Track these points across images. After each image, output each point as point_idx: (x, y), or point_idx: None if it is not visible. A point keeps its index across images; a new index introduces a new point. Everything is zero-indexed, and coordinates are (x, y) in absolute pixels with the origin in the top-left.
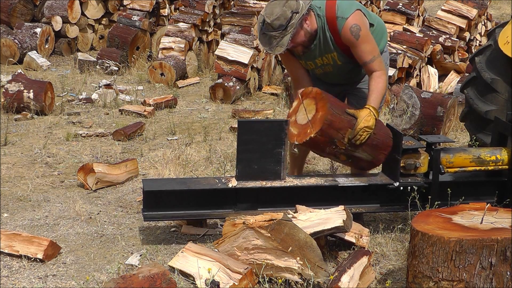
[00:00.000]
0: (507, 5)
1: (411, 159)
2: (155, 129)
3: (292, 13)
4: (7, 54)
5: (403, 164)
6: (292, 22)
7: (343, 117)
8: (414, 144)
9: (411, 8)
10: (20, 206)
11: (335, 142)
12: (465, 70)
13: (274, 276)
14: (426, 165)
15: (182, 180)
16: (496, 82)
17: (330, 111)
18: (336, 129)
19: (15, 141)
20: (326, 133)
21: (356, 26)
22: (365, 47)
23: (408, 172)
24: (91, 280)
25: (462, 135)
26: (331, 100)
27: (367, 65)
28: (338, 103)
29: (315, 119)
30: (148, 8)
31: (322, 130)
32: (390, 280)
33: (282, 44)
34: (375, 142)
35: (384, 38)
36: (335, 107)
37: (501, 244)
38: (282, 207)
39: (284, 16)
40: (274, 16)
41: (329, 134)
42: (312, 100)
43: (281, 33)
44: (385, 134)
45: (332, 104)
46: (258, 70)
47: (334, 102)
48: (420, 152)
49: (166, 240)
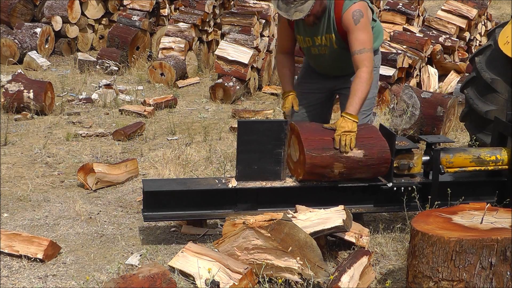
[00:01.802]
0: (507, 5)
1: (405, 159)
2: (155, 129)
3: None
4: (7, 54)
5: (396, 165)
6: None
7: (323, 155)
8: (408, 145)
9: (411, 8)
10: (20, 206)
11: (327, 176)
12: (465, 70)
13: (274, 276)
14: (419, 165)
15: (182, 180)
16: (496, 82)
17: (308, 155)
18: (321, 167)
19: (15, 141)
20: (313, 173)
21: (359, 12)
22: (360, 35)
23: (401, 173)
24: (91, 280)
25: (462, 135)
26: (309, 139)
27: (355, 55)
28: (315, 136)
29: (300, 162)
30: (148, 8)
31: (306, 173)
32: (390, 280)
33: (302, 10)
34: (370, 163)
35: (379, 38)
36: (312, 148)
37: (501, 244)
38: (282, 207)
39: None
40: None
41: (316, 173)
42: (296, 139)
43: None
44: (379, 151)
45: (309, 145)
46: (258, 70)
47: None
48: (414, 153)
49: (166, 240)
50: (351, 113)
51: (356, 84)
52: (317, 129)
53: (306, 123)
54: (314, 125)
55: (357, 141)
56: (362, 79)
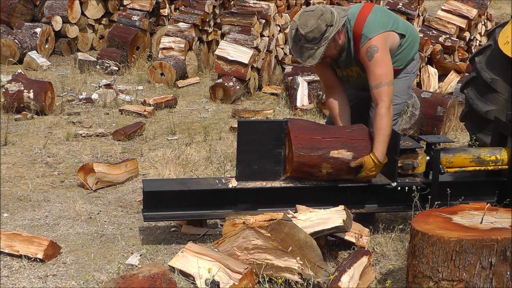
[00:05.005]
0: (507, 5)
1: (409, 159)
2: (155, 129)
3: (326, 26)
4: (7, 54)
5: (400, 164)
6: (326, 36)
7: (312, 154)
8: (412, 145)
9: (411, 8)
10: (20, 206)
11: (314, 175)
12: (465, 70)
13: (274, 276)
14: (424, 165)
15: (182, 180)
16: (496, 82)
17: (296, 153)
18: (309, 166)
19: (15, 141)
20: (300, 171)
21: (374, 47)
22: (376, 70)
23: (406, 172)
24: (91, 280)
25: (462, 135)
26: (298, 137)
27: (372, 90)
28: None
29: (289, 159)
30: (148, 8)
31: (294, 171)
32: (390, 280)
33: (314, 57)
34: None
35: (415, 46)
36: (301, 147)
37: (501, 244)
38: (282, 207)
39: (318, 29)
40: (308, 28)
41: (303, 171)
42: (287, 135)
43: (314, 46)
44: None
45: (298, 143)
46: (258, 70)
47: (300, 139)
48: (418, 152)
49: (166, 240)
50: (380, 159)
51: (377, 123)
52: (308, 127)
53: (300, 120)
54: (306, 123)
55: (348, 142)
56: (382, 116)
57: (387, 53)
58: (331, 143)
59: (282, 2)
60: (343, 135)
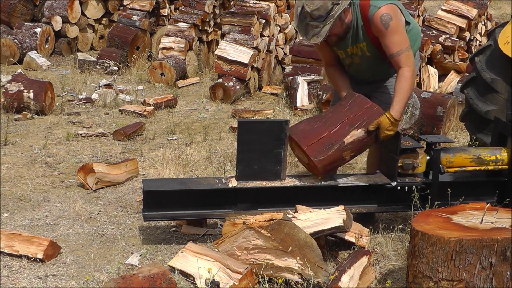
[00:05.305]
0: (507, 5)
1: (409, 159)
2: (155, 129)
3: (333, 4)
4: (7, 54)
5: (401, 164)
6: (331, 14)
7: (330, 153)
8: (412, 144)
9: (411, 8)
10: (20, 206)
11: (341, 164)
12: (465, 70)
13: (274, 276)
14: (424, 165)
15: (182, 180)
16: (496, 82)
17: (316, 161)
18: (332, 162)
19: (15, 141)
20: (329, 170)
21: (387, 15)
22: (394, 38)
23: (406, 172)
24: (91, 280)
25: (462, 135)
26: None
27: (394, 57)
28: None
29: (312, 166)
30: (148, 8)
31: (322, 174)
32: (390, 280)
33: (319, 35)
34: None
35: (417, 42)
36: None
37: (501, 244)
38: (282, 207)
39: (324, 8)
40: (314, 6)
41: (331, 168)
42: (296, 145)
43: (320, 24)
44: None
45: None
46: (258, 70)
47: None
48: (418, 152)
49: (166, 240)
50: (395, 116)
51: (400, 83)
52: (310, 129)
53: (298, 128)
54: (306, 126)
55: (353, 121)
56: (407, 78)
57: (400, 21)
58: (339, 132)
59: (282, 2)
60: (344, 117)
